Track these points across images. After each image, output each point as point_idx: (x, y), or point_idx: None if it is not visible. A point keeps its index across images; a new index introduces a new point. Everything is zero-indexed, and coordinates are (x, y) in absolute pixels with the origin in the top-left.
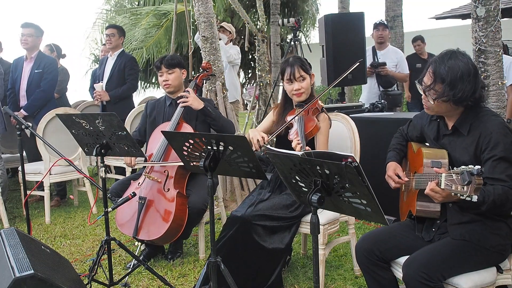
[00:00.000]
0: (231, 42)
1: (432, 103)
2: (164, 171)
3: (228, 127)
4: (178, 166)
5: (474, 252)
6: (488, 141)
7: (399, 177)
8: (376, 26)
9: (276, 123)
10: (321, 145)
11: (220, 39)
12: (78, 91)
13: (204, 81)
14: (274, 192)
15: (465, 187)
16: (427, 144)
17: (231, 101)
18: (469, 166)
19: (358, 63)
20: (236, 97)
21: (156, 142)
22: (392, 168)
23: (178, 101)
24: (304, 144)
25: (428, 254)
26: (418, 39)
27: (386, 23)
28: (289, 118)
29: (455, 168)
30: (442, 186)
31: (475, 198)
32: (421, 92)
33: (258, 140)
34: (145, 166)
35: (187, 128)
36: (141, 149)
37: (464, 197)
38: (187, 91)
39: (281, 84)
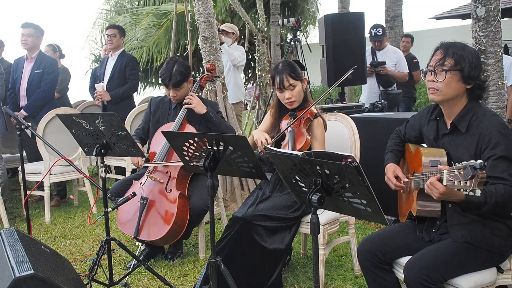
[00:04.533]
0: (236, 42)
1: (442, 79)
2: (167, 172)
3: (228, 133)
4: (181, 167)
5: (476, 254)
6: (488, 140)
7: (398, 178)
8: (372, 38)
9: (273, 126)
10: (316, 150)
11: (223, 43)
12: (74, 91)
13: (207, 82)
14: (275, 191)
15: (468, 182)
16: (424, 145)
17: (234, 102)
18: (471, 161)
19: (352, 70)
20: (240, 98)
21: (159, 142)
22: (391, 170)
23: (183, 102)
24: None
25: (430, 256)
26: (409, 37)
27: (381, 32)
28: (283, 124)
29: (456, 164)
30: (445, 183)
31: (478, 192)
32: (424, 78)
33: (262, 142)
34: (146, 166)
35: (190, 130)
36: (144, 147)
37: (468, 191)
38: (191, 94)
39: (276, 92)
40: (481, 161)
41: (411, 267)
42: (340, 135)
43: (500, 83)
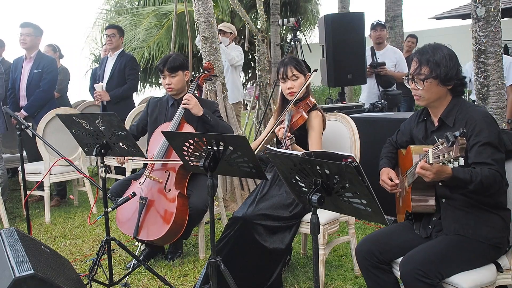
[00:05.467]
0: (233, 42)
1: (422, 87)
2: (166, 171)
3: (227, 133)
4: (179, 166)
5: (469, 246)
6: (473, 127)
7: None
8: (374, 26)
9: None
10: (313, 140)
11: (220, 43)
12: (74, 91)
13: (205, 81)
14: (273, 186)
15: (451, 152)
16: None
17: (233, 102)
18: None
19: (314, 71)
20: (239, 98)
21: (157, 142)
22: (385, 173)
23: (181, 103)
24: (287, 130)
25: (424, 250)
26: (414, 37)
27: (383, 23)
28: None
29: (439, 140)
30: (431, 161)
31: (461, 161)
32: (408, 85)
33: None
34: (146, 167)
35: (188, 129)
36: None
37: (452, 161)
38: (189, 95)
39: (280, 84)
40: (461, 129)
41: (406, 263)
42: (340, 135)
43: (500, 83)
